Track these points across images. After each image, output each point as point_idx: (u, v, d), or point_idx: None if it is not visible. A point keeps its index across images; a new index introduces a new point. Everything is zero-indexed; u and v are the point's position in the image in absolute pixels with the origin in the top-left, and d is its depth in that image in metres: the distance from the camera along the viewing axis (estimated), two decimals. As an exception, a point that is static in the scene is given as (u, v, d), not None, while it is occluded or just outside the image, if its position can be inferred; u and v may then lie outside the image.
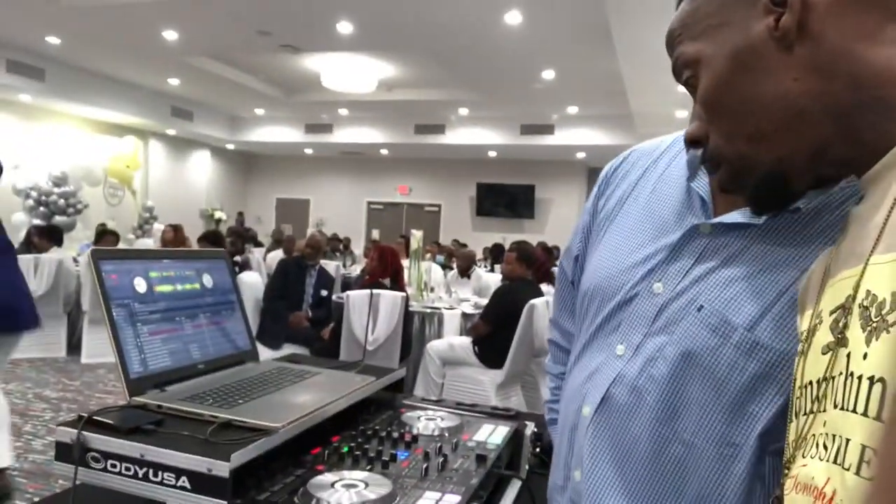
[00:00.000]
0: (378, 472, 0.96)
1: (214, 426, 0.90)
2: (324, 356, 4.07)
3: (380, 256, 4.48)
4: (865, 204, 0.51)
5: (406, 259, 5.30)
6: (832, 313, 0.49)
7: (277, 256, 7.65)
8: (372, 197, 15.64)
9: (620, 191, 0.93)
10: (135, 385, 1.01)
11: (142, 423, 0.90)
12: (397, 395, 1.41)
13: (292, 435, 0.96)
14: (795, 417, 0.52)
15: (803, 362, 0.53)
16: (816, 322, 0.51)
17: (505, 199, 14.24)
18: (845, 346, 0.45)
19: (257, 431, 0.91)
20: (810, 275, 0.61)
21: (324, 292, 4.87)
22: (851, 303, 0.45)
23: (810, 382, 0.50)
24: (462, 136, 12.68)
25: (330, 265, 6.61)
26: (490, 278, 6.92)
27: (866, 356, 0.42)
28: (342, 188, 15.68)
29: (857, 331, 0.43)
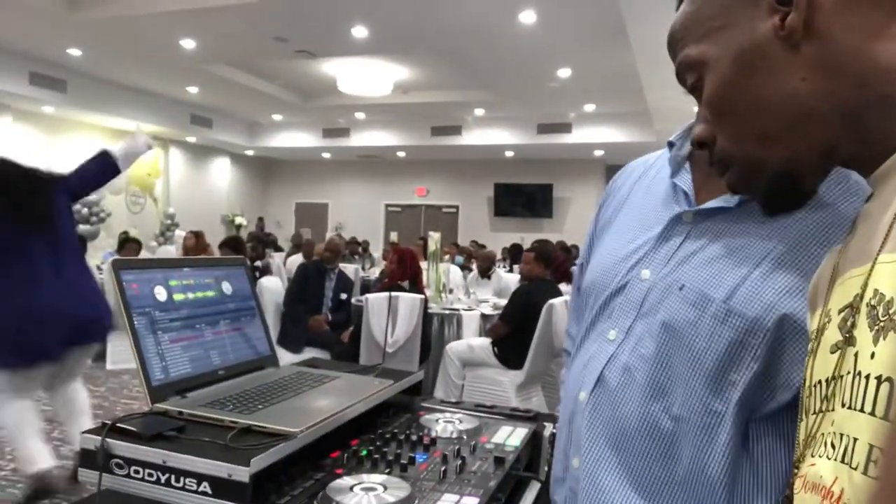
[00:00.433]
0: (396, 475, 0.97)
1: (234, 432, 0.91)
2: (344, 359, 4.10)
3: (399, 259, 4.50)
4: (875, 202, 0.51)
5: (424, 261, 5.31)
6: (840, 312, 0.48)
7: (297, 261, 7.70)
8: (390, 199, 15.70)
9: (617, 200, 0.99)
10: (156, 392, 1.03)
11: (163, 430, 0.91)
12: (415, 398, 1.41)
13: (311, 439, 0.97)
14: (805, 416, 0.52)
15: (812, 361, 0.53)
16: (825, 321, 0.51)
17: (523, 199, 14.20)
18: (853, 346, 0.45)
19: (277, 436, 0.92)
20: (820, 272, 0.61)
21: (343, 295, 4.90)
22: (859, 302, 0.45)
23: (819, 381, 0.50)
24: (478, 137, 12.67)
25: (349, 268, 6.65)
26: (510, 279, 6.91)
27: (874, 355, 0.41)
28: (360, 191, 15.76)
29: (865, 330, 0.43)
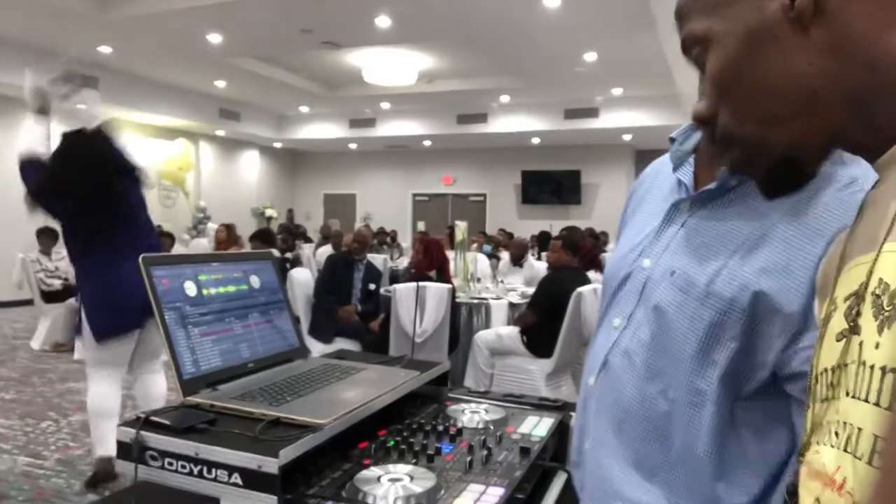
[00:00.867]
0: (423, 466, 0.98)
1: (264, 423, 0.93)
2: (374, 350, 4.13)
3: (425, 249, 4.51)
4: (880, 188, 0.50)
5: (451, 250, 5.31)
6: (846, 300, 0.48)
7: (327, 252, 7.77)
8: (417, 189, 15.72)
9: (637, 196, 1.03)
10: (188, 385, 1.05)
11: (195, 423, 0.93)
12: (443, 389, 1.42)
13: (339, 430, 0.98)
14: (812, 404, 0.52)
15: (819, 349, 0.52)
16: (832, 309, 0.51)
17: (550, 186, 14.10)
18: (858, 334, 0.45)
19: (305, 428, 0.94)
20: (828, 259, 0.60)
21: (372, 286, 4.93)
22: (864, 290, 0.45)
23: (826, 370, 0.49)
24: (504, 124, 12.60)
25: (377, 259, 6.69)
26: (541, 267, 6.89)
27: (878, 346, 0.41)
28: (387, 181, 15.81)
29: (870, 319, 0.43)
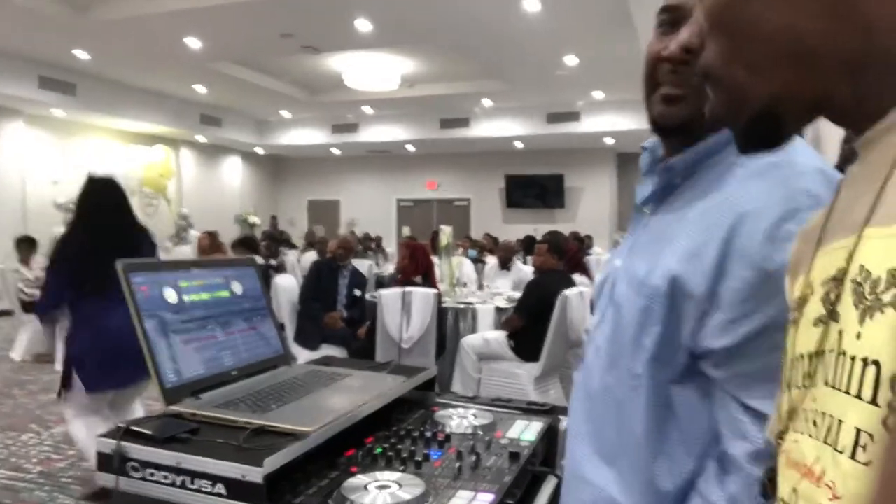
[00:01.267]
0: (411, 473, 0.96)
1: (248, 432, 0.91)
2: (361, 356, 4.10)
3: (410, 255, 4.49)
4: (860, 166, 0.49)
5: (435, 256, 5.30)
6: (824, 284, 0.47)
7: (311, 258, 7.73)
8: (401, 194, 15.69)
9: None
10: (170, 394, 1.03)
11: (177, 432, 0.91)
12: (430, 394, 1.41)
13: (325, 438, 0.97)
14: (788, 389, 0.51)
15: (795, 333, 0.51)
16: (808, 292, 0.50)
17: (534, 190, 14.14)
18: (837, 322, 0.43)
19: (290, 436, 0.92)
20: (804, 236, 0.58)
21: (357, 292, 4.90)
22: (843, 276, 0.43)
23: (802, 355, 0.48)
24: (487, 129, 12.63)
25: (363, 265, 6.65)
26: (528, 270, 6.90)
27: (860, 336, 0.40)
28: (371, 187, 15.77)
29: (850, 307, 0.42)
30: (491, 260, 7.71)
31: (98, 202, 2.99)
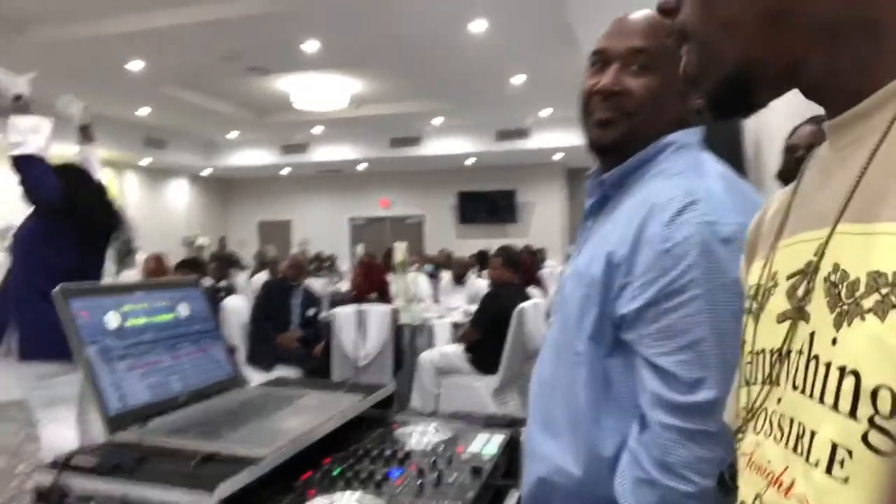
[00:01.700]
0: (371, 493, 0.94)
1: (198, 459, 0.87)
2: (317, 375, 4.03)
3: (365, 272, 4.46)
4: (831, 150, 0.46)
5: (390, 273, 5.27)
6: (789, 278, 0.44)
7: (263, 279, 7.57)
8: (354, 213, 15.59)
9: None
10: (114, 422, 0.98)
11: (122, 462, 0.87)
12: (388, 411, 1.38)
13: (280, 461, 0.93)
14: (746, 384, 0.49)
15: (754, 324, 0.49)
16: (770, 284, 0.47)
17: (487, 206, 14.26)
18: (806, 322, 0.41)
19: (243, 461, 0.88)
20: (764, 218, 0.56)
21: (311, 311, 4.82)
22: (814, 273, 0.41)
23: (763, 350, 0.46)
24: (438, 147, 12.69)
25: (317, 284, 6.56)
26: (483, 284, 6.92)
27: (836, 341, 0.37)
28: (323, 206, 15.62)
29: (823, 308, 0.39)
30: (445, 275, 7.72)
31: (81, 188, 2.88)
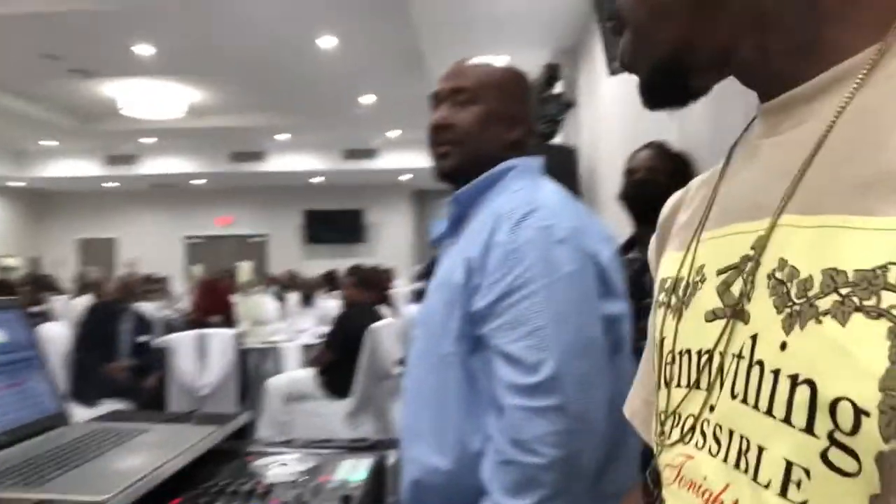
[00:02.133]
0: (233, 534, 0.85)
1: (20, 513, 0.74)
2: (151, 408, 3.69)
3: (205, 293, 4.18)
4: (764, 136, 0.43)
5: (234, 294, 4.99)
6: (720, 273, 0.41)
7: (86, 302, 6.85)
8: (190, 231, 14.65)
9: None
10: None
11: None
12: (242, 443, 1.28)
13: (123, 507, 0.81)
14: (667, 387, 0.45)
15: (675, 321, 0.45)
16: (697, 279, 0.44)
17: (334, 225, 14.08)
18: (745, 322, 0.37)
19: (78, 510, 0.76)
20: (675, 205, 0.54)
21: (143, 338, 4.42)
22: (754, 268, 0.37)
23: (688, 351, 0.43)
24: (284, 163, 12.33)
25: (149, 308, 6.04)
26: (332, 305, 6.78)
27: (785, 346, 0.34)
28: (154, 223, 14.51)
29: (768, 308, 0.36)
30: (293, 296, 7.48)
31: None
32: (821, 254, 0.33)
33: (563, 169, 3.76)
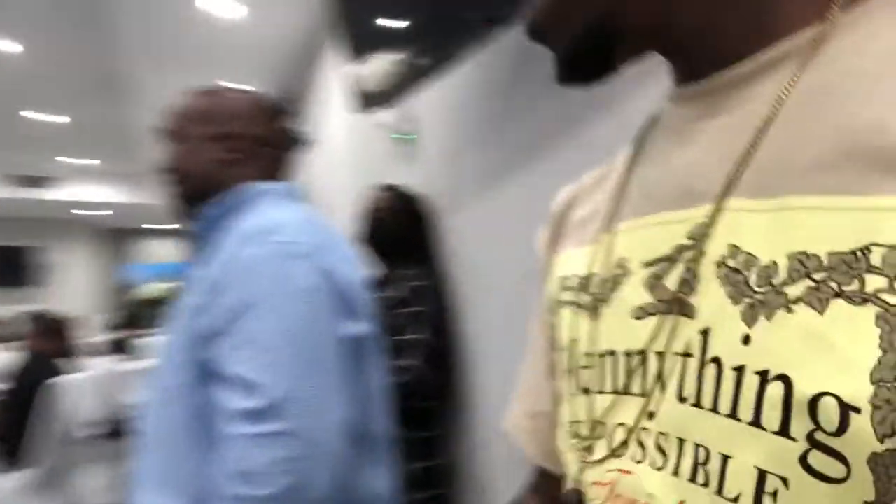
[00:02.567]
0: None
1: None
2: None
3: None
4: (689, 119, 0.39)
5: None
6: (648, 266, 0.37)
7: None
8: None
9: None
10: None
11: None
12: None
13: None
14: (584, 393, 0.41)
15: (592, 321, 0.41)
16: (617, 272, 0.40)
17: (1, 265, 11.90)
18: (690, 317, 0.34)
19: None
20: (570, 199, 0.51)
21: None
22: (697, 257, 0.34)
23: (612, 352, 0.39)
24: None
25: None
26: (4, 357, 5.67)
27: (749, 340, 0.30)
28: None
29: (719, 300, 0.32)
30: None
31: None
32: (784, 238, 0.30)
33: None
